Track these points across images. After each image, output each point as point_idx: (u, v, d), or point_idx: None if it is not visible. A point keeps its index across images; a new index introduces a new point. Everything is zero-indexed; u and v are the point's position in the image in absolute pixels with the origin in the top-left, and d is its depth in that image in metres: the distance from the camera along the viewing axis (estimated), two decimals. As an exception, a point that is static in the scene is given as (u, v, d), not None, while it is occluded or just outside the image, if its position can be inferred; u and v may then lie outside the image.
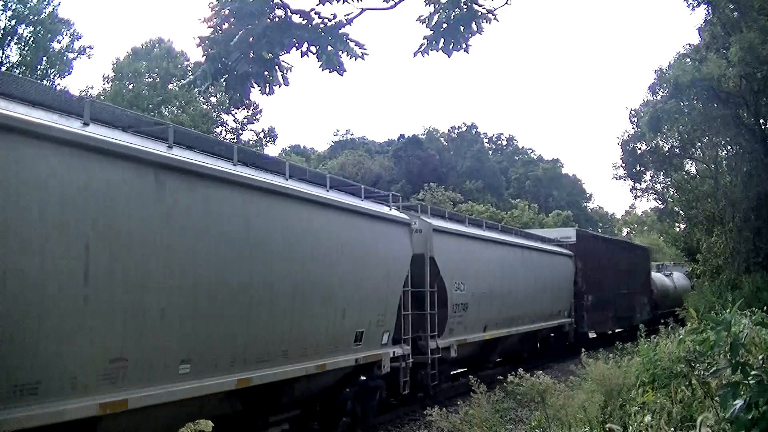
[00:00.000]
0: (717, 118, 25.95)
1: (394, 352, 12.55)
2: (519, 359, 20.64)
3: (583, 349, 12.56)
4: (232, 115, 44.80)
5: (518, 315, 19.46)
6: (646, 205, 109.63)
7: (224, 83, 5.55)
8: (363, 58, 5.54)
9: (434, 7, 5.97)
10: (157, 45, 44.68)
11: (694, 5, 25.71)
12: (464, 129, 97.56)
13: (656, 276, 36.52)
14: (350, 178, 68.88)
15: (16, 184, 5.36)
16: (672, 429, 6.75)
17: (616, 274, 29.34)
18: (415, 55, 5.88)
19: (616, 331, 29.80)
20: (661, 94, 29.00)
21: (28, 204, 5.48)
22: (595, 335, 28.08)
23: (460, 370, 17.69)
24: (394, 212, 13.24)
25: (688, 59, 27.69)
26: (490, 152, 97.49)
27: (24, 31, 32.13)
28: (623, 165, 33.44)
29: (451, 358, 15.41)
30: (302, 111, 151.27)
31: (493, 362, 19.46)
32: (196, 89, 5.48)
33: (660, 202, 38.86)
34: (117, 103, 36.88)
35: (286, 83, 5.62)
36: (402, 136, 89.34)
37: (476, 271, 16.69)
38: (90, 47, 35.78)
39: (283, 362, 9.12)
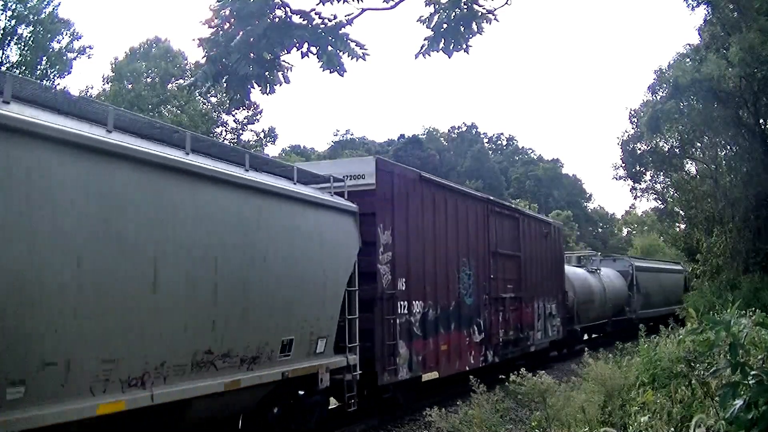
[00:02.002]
0: (717, 118, 25.95)
1: (331, 364, 10.48)
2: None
3: (585, 348, 12.54)
4: (232, 116, 44.80)
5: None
6: (646, 205, 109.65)
7: (225, 84, 5.56)
8: (364, 59, 5.55)
9: (434, 7, 5.98)
10: (155, 45, 44.67)
11: (694, 5, 25.74)
12: (464, 129, 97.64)
13: (575, 273, 25.77)
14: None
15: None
16: (672, 429, 6.75)
17: (484, 263, 16.30)
18: (416, 56, 5.89)
19: (491, 363, 16.37)
20: (660, 94, 29.01)
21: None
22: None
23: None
24: (338, 199, 11.07)
25: (688, 59, 27.71)
26: (490, 152, 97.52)
27: (24, 31, 32.15)
28: (623, 165, 33.43)
29: None
30: (302, 111, 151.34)
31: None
32: (197, 90, 5.48)
33: (660, 202, 38.87)
34: (117, 103, 36.90)
35: (287, 81, 5.63)
36: (402, 136, 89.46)
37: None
38: (90, 47, 35.80)
39: (174, 380, 7.18)
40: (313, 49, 5.45)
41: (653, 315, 31.36)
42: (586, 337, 28.60)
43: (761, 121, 26.59)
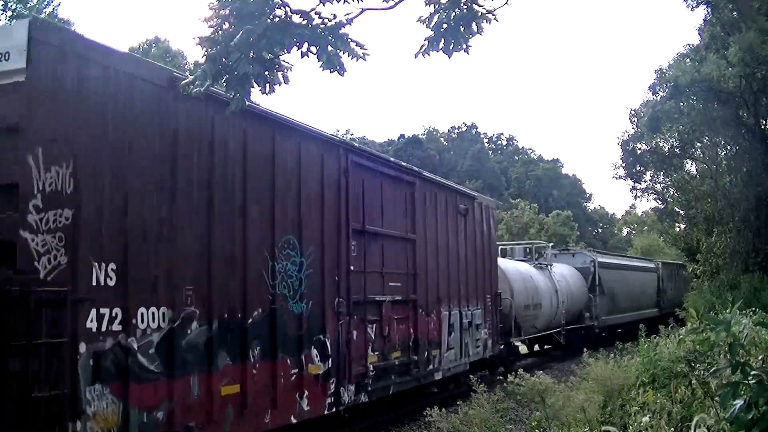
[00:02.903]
0: (717, 118, 25.96)
1: None
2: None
3: (585, 349, 12.52)
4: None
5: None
6: (646, 205, 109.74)
7: (224, 84, 5.56)
8: (364, 59, 5.55)
9: (434, 7, 5.98)
10: (154, 45, 44.74)
11: (694, 5, 25.76)
12: (464, 129, 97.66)
13: (516, 270, 19.81)
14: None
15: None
16: (672, 429, 6.75)
17: (338, 247, 10.56)
18: (416, 56, 5.89)
19: (351, 404, 10.74)
20: (660, 94, 29.02)
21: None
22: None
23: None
24: None
25: (688, 59, 27.73)
26: (490, 152, 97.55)
27: (24, 31, 32.09)
28: (623, 165, 33.45)
29: None
30: (302, 111, 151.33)
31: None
32: (196, 90, 5.48)
33: (660, 202, 38.88)
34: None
35: (287, 81, 5.63)
36: (402, 136, 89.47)
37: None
38: (90, 47, 35.76)
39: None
40: (313, 49, 5.45)
41: (620, 322, 28.36)
42: (530, 349, 24.64)
43: (761, 121, 26.61)
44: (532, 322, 20.53)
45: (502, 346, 17.85)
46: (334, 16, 5.50)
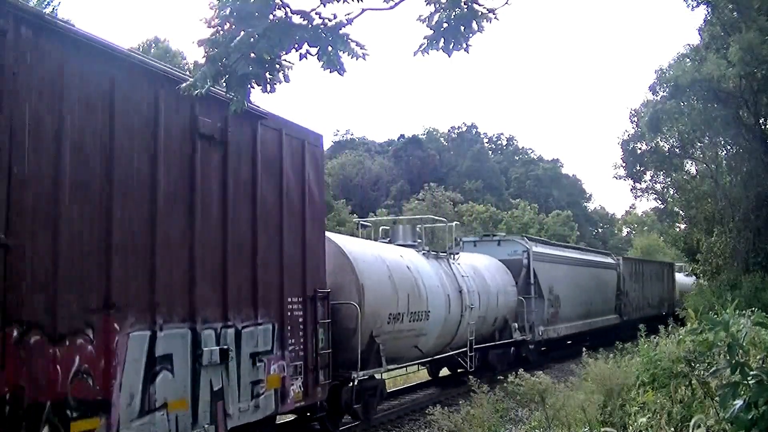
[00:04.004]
0: (717, 118, 25.94)
1: None
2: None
3: (584, 348, 12.48)
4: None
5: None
6: (646, 205, 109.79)
7: (225, 84, 5.55)
8: (364, 59, 5.54)
9: (434, 6, 5.97)
10: (154, 45, 44.71)
11: (694, 5, 25.72)
12: (464, 129, 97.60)
13: (373, 259, 13.04)
14: (350, 178, 68.61)
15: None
16: (672, 429, 6.75)
17: None
18: (415, 54, 5.88)
19: None
20: (661, 94, 28.99)
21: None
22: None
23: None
24: None
25: (688, 59, 27.70)
26: (490, 152, 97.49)
27: (24, 30, 32.12)
28: (623, 165, 33.41)
29: None
30: (302, 111, 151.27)
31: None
32: (196, 91, 5.47)
33: (660, 202, 38.83)
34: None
35: (287, 80, 5.63)
36: (402, 136, 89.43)
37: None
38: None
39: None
40: (313, 50, 5.45)
41: (566, 334, 22.90)
42: (434, 374, 18.60)
43: (761, 121, 26.59)
44: (411, 341, 13.74)
45: (334, 384, 11.02)
46: (335, 17, 5.49)
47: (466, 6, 5.82)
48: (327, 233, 11.44)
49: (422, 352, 14.57)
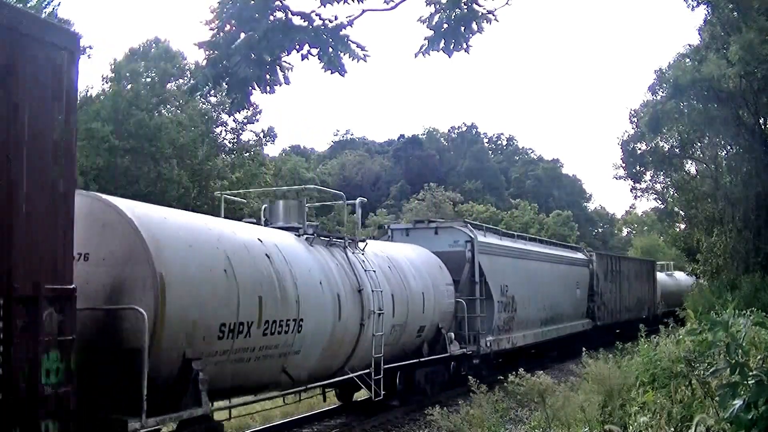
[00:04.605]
0: (717, 118, 25.97)
1: None
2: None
3: (584, 348, 12.47)
4: (232, 116, 44.80)
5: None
6: (646, 205, 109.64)
7: (225, 86, 5.57)
8: (365, 60, 5.56)
9: (435, 7, 5.99)
10: (154, 45, 44.67)
11: (694, 5, 25.73)
12: (464, 129, 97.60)
13: (192, 238, 8.61)
14: (350, 178, 68.60)
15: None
16: (672, 429, 6.76)
17: None
18: (416, 55, 5.91)
19: None
20: (661, 94, 29.04)
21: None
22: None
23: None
24: None
25: (688, 59, 27.74)
26: (490, 152, 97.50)
27: (24, 31, 32.15)
28: (623, 165, 33.46)
29: None
30: (302, 111, 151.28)
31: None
32: (198, 93, 5.50)
33: (660, 202, 38.89)
34: (116, 103, 36.90)
35: (287, 82, 5.65)
36: (402, 136, 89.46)
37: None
38: (90, 47, 35.80)
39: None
40: (314, 51, 5.47)
41: (527, 343, 19.04)
42: (345, 398, 14.25)
43: (761, 121, 26.61)
44: (272, 363, 9.72)
45: None
46: (335, 18, 5.51)
47: (466, 7, 5.84)
48: (114, 199, 8.19)
49: (293, 380, 10.11)
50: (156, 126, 35.01)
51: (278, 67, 5.46)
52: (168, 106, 42.06)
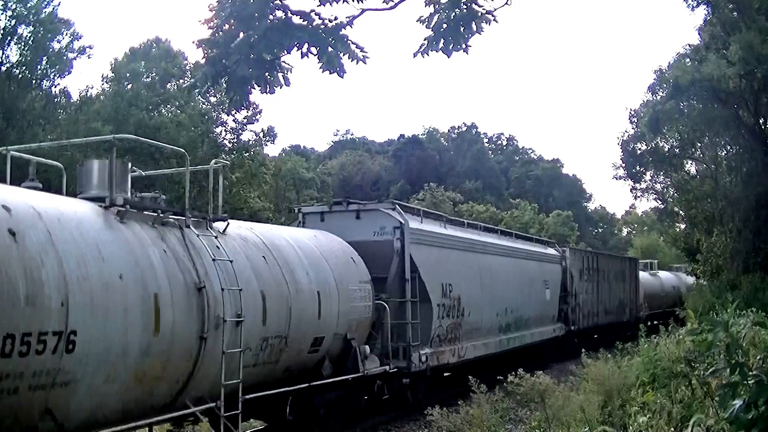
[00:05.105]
0: (717, 118, 25.96)
1: None
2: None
3: (583, 349, 12.39)
4: (232, 115, 44.83)
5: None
6: (646, 205, 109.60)
7: (224, 85, 5.56)
8: (364, 62, 5.55)
9: (434, 7, 5.98)
10: (155, 45, 44.66)
11: (694, 5, 25.72)
12: (464, 129, 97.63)
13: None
14: (350, 178, 68.34)
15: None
16: (672, 429, 6.76)
17: None
18: (415, 55, 5.90)
19: None
20: (660, 94, 29.01)
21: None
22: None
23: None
24: None
25: (688, 59, 27.71)
26: (490, 152, 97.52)
27: (24, 31, 32.15)
28: (623, 165, 33.43)
29: None
30: (302, 111, 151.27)
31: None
32: (197, 91, 5.49)
33: (660, 202, 38.86)
34: (116, 103, 36.90)
35: (287, 83, 5.64)
36: (402, 136, 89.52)
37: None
38: (90, 47, 35.74)
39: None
40: (313, 50, 5.46)
41: (478, 355, 15.46)
42: None
43: (761, 121, 26.59)
44: (13, 402, 6.11)
45: None
46: (335, 17, 5.50)
47: (465, 7, 5.83)
48: None
49: (61, 426, 6.59)
50: (156, 126, 35.01)
51: (278, 67, 5.45)
52: (168, 106, 42.05)
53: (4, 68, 30.10)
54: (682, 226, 40.13)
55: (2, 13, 31.15)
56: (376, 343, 12.41)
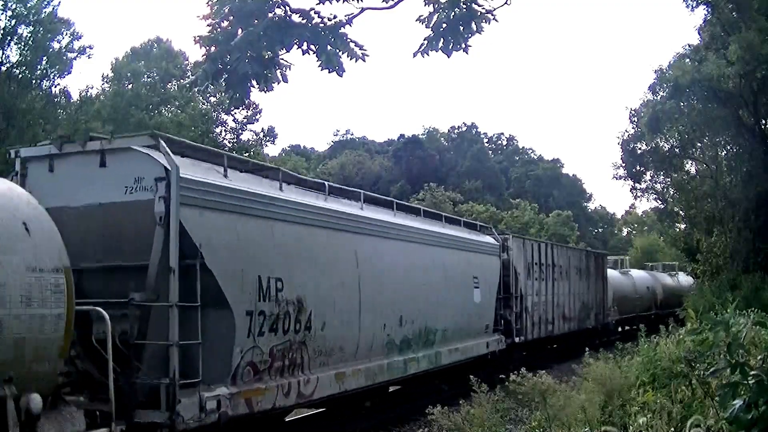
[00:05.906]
0: (717, 118, 25.98)
1: None
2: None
3: (587, 348, 12.38)
4: (232, 115, 44.87)
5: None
6: (646, 205, 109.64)
7: (224, 83, 5.56)
8: (363, 60, 5.55)
9: (434, 7, 5.98)
10: (155, 45, 44.71)
11: (694, 5, 25.73)
12: (464, 129, 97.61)
13: None
14: (350, 179, 68.63)
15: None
16: (672, 429, 6.75)
17: None
18: (414, 55, 5.90)
19: None
20: (660, 94, 29.06)
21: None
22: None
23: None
24: None
25: (688, 59, 27.74)
26: (490, 152, 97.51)
27: (24, 31, 32.17)
28: (623, 165, 33.47)
29: None
30: (302, 111, 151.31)
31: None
32: (197, 88, 5.50)
33: (660, 202, 38.88)
34: (116, 103, 36.91)
35: (285, 80, 5.64)
36: (402, 136, 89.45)
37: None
38: (90, 47, 35.77)
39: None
40: (313, 48, 5.46)
41: (340, 394, 10.18)
42: None
43: (761, 121, 26.60)
44: None
45: None
46: (334, 16, 5.50)
47: (465, 6, 5.83)
48: None
49: None
50: (156, 126, 35.04)
51: (277, 65, 5.45)
52: (168, 106, 42.06)
53: (4, 68, 30.10)
54: (682, 226, 40.13)
55: (2, 13, 31.15)
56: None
